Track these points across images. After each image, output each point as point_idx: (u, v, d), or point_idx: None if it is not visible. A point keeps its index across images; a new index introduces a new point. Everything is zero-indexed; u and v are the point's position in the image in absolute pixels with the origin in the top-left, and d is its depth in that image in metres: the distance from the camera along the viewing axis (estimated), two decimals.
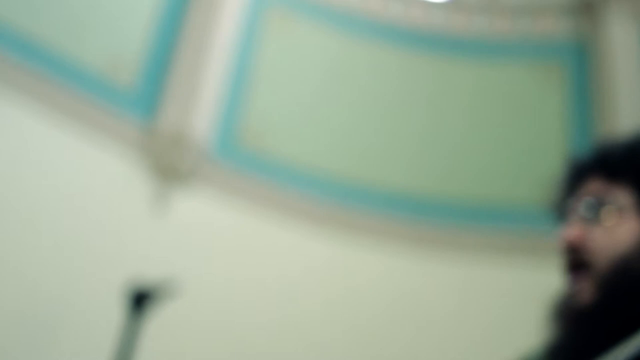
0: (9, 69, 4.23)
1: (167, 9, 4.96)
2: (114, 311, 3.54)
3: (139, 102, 4.64)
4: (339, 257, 4.63)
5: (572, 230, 1.28)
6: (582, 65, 5.33)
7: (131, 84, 4.66)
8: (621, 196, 1.26)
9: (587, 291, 1.22)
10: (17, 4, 4.31)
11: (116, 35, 4.70)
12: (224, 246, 4.47)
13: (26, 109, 4.17)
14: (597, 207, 1.26)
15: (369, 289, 4.58)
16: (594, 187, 1.27)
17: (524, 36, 5.54)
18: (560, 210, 1.34)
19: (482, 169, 5.04)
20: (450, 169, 5.06)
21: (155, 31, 4.88)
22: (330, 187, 4.90)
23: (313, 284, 4.51)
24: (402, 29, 5.55)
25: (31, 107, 4.19)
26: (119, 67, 4.63)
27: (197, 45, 4.82)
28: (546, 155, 4.90)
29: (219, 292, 4.31)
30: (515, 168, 5.03)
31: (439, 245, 4.71)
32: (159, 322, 3.66)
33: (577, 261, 1.25)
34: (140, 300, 3.34)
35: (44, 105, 4.24)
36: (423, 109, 5.30)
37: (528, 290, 4.33)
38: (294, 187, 4.85)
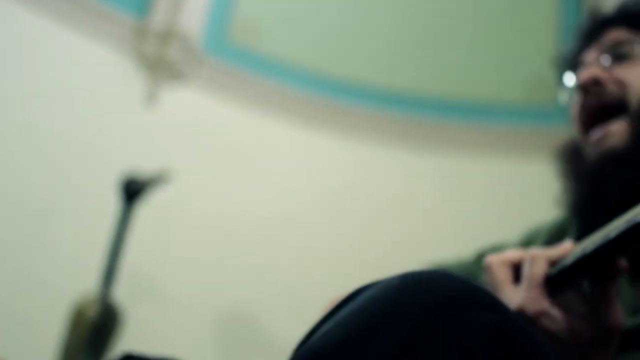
0: None
1: None
2: (107, 203, 3.61)
3: None
4: (327, 153, 4.68)
5: (595, 69, 1.15)
6: None
7: None
8: None
9: (618, 133, 1.10)
10: None
11: None
12: (212, 139, 4.50)
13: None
14: (625, 48, 1.16)
15: (358, 183, 4.65)
16: (616, 35, 1.19)
17: None
18: (574, 61, 1.24)
19: (470, 65, 5.02)
20: (438, 65, 5.05)
21: None
22: (317, 84, 4.91)
23: (300, 177, 4.57)
24: None
25: None
26: None
27: None
28: (536, 52, 4.89)
29: (207, 183, 4.38)
30: (504, 65, 5.01)
31: (427, 141, 4.76)
32: (150, 212, 3.75)
33: (601, 103, 1.14)
34: (132, 191, 3.40)
35: None
36: (410, 6, 5.23)
37: (512, 183, 4.49)
38: (283, 83, 4.84)
